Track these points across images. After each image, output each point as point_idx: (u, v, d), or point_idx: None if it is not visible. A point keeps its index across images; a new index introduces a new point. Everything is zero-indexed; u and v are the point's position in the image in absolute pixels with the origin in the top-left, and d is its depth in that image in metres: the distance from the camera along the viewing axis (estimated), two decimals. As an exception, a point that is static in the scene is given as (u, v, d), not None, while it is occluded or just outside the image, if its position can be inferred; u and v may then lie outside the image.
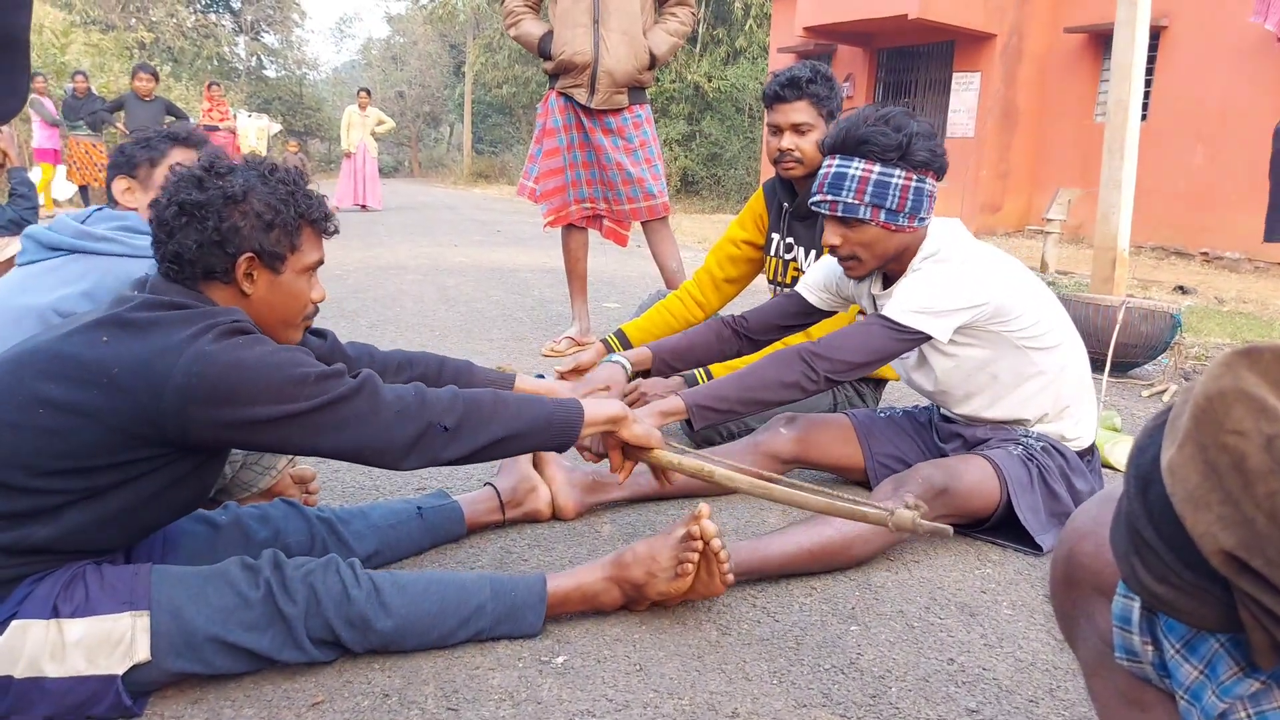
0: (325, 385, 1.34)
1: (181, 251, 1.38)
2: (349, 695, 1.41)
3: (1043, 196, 11.43)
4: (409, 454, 1.40)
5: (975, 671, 1.53)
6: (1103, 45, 11.26)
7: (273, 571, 1.43)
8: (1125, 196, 5.48)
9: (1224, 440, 0.61)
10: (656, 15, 3.90)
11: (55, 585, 1.31)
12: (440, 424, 1.41)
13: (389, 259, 7.35)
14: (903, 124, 1.92)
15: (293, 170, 1.50)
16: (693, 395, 1.95)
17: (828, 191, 1.96)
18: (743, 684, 1.47)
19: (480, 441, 1.45)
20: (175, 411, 1.26)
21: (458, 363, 1.88)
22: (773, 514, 2.20)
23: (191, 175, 1.41)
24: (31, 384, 1.27)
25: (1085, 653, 0.90)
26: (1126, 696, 0.84)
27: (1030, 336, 1.99)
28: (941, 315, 1.93)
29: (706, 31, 18.90)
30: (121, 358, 1.27)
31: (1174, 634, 0.77)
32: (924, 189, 1.95)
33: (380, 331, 4.32)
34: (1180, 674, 0.77)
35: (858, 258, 2.00)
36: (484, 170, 27.62)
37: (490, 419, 1.46)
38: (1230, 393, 0.62)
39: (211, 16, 30.17)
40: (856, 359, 1.95)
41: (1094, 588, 0.87)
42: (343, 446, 1.37)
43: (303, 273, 1.48)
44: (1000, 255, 2.06)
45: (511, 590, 1.58)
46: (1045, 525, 2.02)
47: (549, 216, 4.05)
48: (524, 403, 1.52)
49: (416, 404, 1.41)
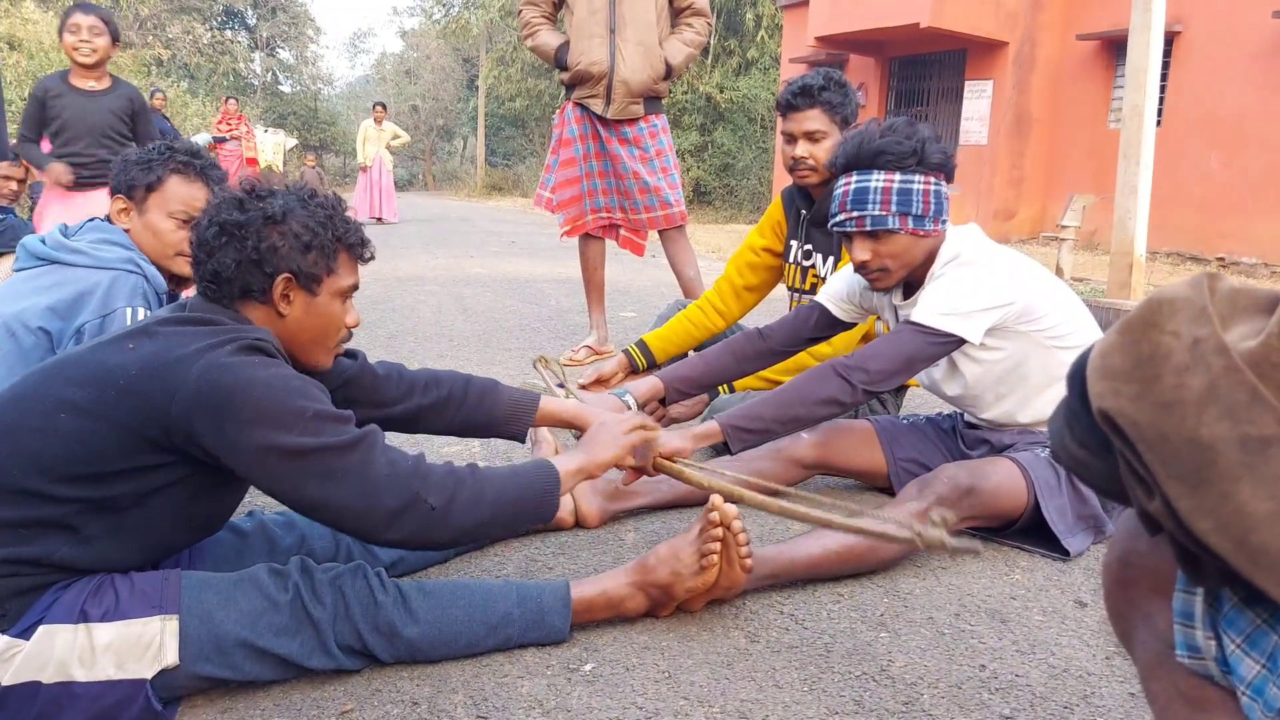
0: (324, 426, 1.32)
1: (220, 270, 1.40)
2: (378, 704, 1.41)
3: (1056, 203, 11.38)
4: (391, 524, 1.35)
5: (1008, 678, 1.52)
6: (1116, 51, 11.22)
7: (301, 576, 1.43)
8: (1141, 202, 5.45)
9: (1156, 337, 0.68)
10: (672, 26, 3.92)
11: (83, 591, 1.31)
12: (427, 500, 1.36)
13: (406, 270, 7.38)
14: (912, 130, 1.93)
15: (331, 196, 1.51)
16: (729, 418, 1.94)
17: (851, 208, 1.95)
18: (773, 691, 1.46)
19: (465, 525, 1.40)
20: (183, 416, 1.26)
21: (484, 382, 1.87)
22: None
23: (233, 197, 1.44)
24: (59, 389, 1.30)
25: (1142, 654, 0.89)
26: (1187, 696, 0.83)
27: (1058, 336, 1.98)
28: (970, 316, 1.92)
29: (718, 43, 18.93)
30: (140, 362, 1.29)
31: (1235, 629, 0.76)
32: (941, 191, 1.96)
33: (399, 342, 4.34)
34: (1242, 669, 0.76)
35: (886, 269, 1.99)
36: (498, 182, 27.71)
37: (475, 505, 1.41)
38: (1179, 300, 0.69)
39: (227, 33, 30.40)
40: (891, 368, 1.93)
41: (1151, 587, 0.87)
42: (327, 499, 1.32)
43: (338, 296, 1.49)
44: (1020, 257, 2.05)
45: (537, 596, 1.58)
46: (1072, 528, 2.00)
47: (566, 226, 4.06)
48: (509, 485, 1.47)
49: (409, 473, 1.37)
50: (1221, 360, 0.65)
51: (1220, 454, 0.64)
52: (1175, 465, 0.66)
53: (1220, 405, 0.64)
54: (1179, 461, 0.66)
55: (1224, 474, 0.64)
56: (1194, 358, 0.66)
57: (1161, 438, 0.66)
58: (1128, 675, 1.53)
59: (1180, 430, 0.65)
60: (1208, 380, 0.65)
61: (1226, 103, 10.15)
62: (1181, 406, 0.65)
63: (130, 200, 2.02)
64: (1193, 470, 0.65)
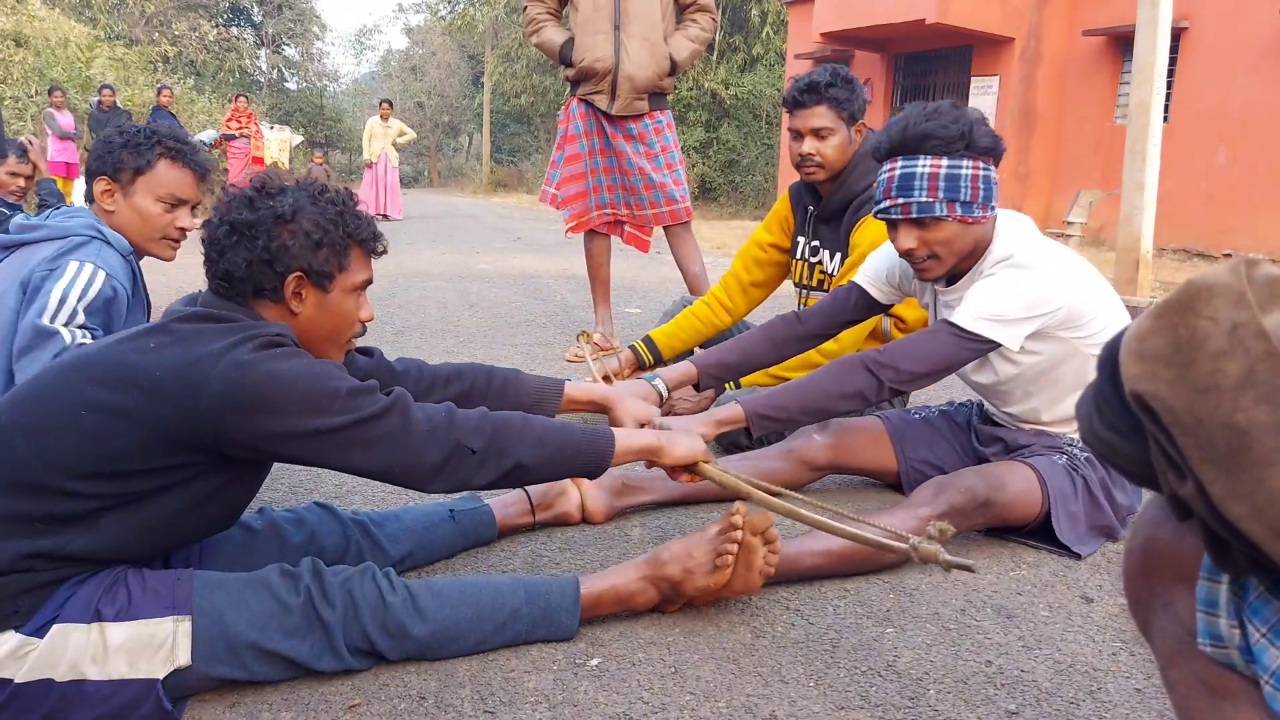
0: (357, 401, 1.35)
1: (232, 270, 1.41)
2: (385, 699, 1.41)
3: (1062, 200, 11.36)
4: (437, 475, 1.41)
5: (1014, 674, 1.52)
6: (1122, 47, 11.19)
7: (312, 579, 1.44)
8: (1148, 198, 5.44)
9: (1193, 321, 0.68)
10: (677, 21, 3.91)
11: (97, 589, 1.32)
12: (468, 446, 1.41)
13: (412, 266, 7.39)
14: (959, 114, 1.86)
15: (342, 191, 1.52)
16: (752, 404, 1.92)
17: (897, 195, 1.88)
18: (779, 686, 1.47)
19: (506, 465, 1.45)
20: (212, 418, 1.27)
21: (506, 372, 1.88)
22: (802, 517, 2.19)
23: (243, 195, 1.44)
24: (80, 388, 1.30)
25: (1163, 643, 0.89)
26: (1208, 684, 0.83)
27: (1099, 343, 1.94)
28: (1013, 324, 1.87)
29: (723, 39, 18.90)
30: (164, 363, 1.29)
31: (1260, 617, 0.76)
32: (990, 176, 1.89)
33: (405, 338, 4.34)
34: (1266, 658, 0.76)
35: (937, 256, 1.92)
36: (503, 179, 27.71)
37: (518, 443, 1.45)
38: (1217, 285, 0.68)
39: (233, 30, 30.42)
40: (922, 369, 1.90)
41: (1174, 575, 0.87)
42: (374, 465, 1.37)
43: (351, 292, 1.49)
44: (1072, 255, 1.98)
45: (545, 593, 1.58)
46: (1084, 537, 1.98)
47: (571, 222, 4.06)
48: (554, 429, 1.51)
49: (446, 425, 1.41)
50: (1261, 345, 0.65)
51: (1256, 439, 0.64)
52: (1210, 450, 0.66)
53: (1258, 390, 0.64)
54: (1214, 446, 0.66)
55: (1260, 459, 0.64)
56: (1232, 342, 0.66)
57: (1197, 422, 0.66)
58: (1134, 671, 1.54)
59: (1216, 415, 0.65)
60: (1246, 365, 0.65)
61: (1233, 98, 10.11)
62: (1218, 391, 0.65)
63: (115, 182, 2.01)
64: (1228, 455, 0.65)
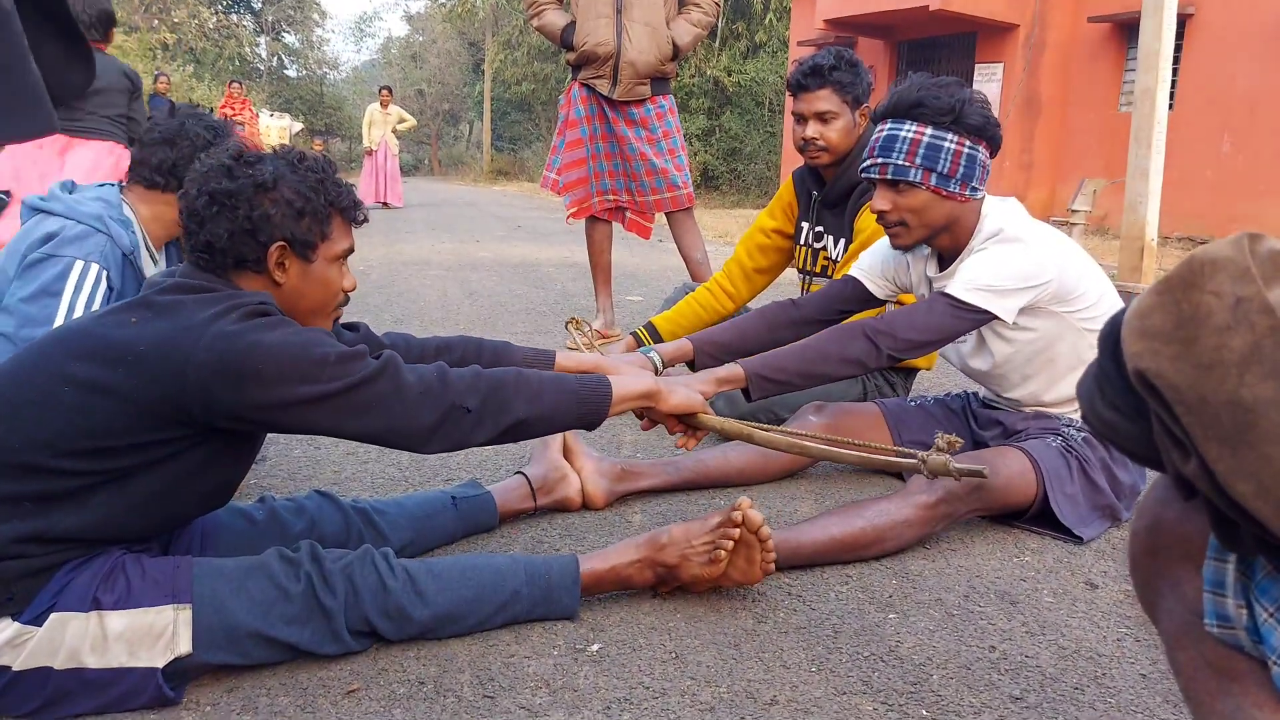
0: (348, 367, 1.33)
1: (213, 241, 1.38)
2: (384, 683, 1.41)
3: (1066, 187, 11.31)
4: (432, 436, 1.40)
5: (1018, 659, 1.51)
6: (1127, 34, 11.12)
7: (312, 564, 1.42)
8: (1153, 186, 5.41)
9: (1196, 297, 0.67)
10: (679, 7, 3.88)
11: (95, 576, 1.31)
12: (463, 405, 1.40)
13: (412, 254, 7.37)
14: (956, 89, 1.91)
15: (321, 158, 1.49)
16: (751, 364, 1.94)
17: (878, 155, 1.94)
18: (781, 672, 1.46)
19: (505, 422, 1.44)
20: (199, 391, 1.26)
21: (496, 343, 1.86)
22: (804, 503, 2.18)
23: (220, 164, 1.40)
24: (59, 363, 1.28)
25: (1169, 624, 0.88)
26: (1214, 665, 0.82)
27: (1091, 318, 1.95)
28: (1006, 294, 1.90)
29: (726, 25, 18.79)
30: (146, 337, 1.27)
31: (1268, 598, 0.75)
32: (977, 157, 1.93)
33: (404, 327, 4.32)
34: (1274, 639, 0.75)
35: (905, 224, 1.97)
36: (503, 167, 27.62)
37: (514, 398, 1.45)
38: (1220, 260, 0.67)
39: (233, 17, 30.32)
40: (920, 337, 1.92)
41: (1180, 555, 0.86)
42: (367, 430, 1.36)
43: (334, 261, 1.47)
44: (1060, 236, 2.02)
45: (545, 573, 1.57)
46: (1085, 518, 1.98)
47: (572, 208, 4.04)
48: (549, 381, 1.50)
49: (439, 385, 1.40)
50: (1266, 320, 0.64)
51: (1262, 415, 0.63)
52: (1215, 427, 0.65)
53: (1264, 365, 0.63)
54: (1218, 423, 0.64)
55: (1265, 435, 0.63)
56: (1236, 318, 0.65)
57: (1201, 399, 0.65)
58: (1139, 656, 1.53)
59: (1221, 391, 0.64)
60: (1251, 340, 0.64)
61: (1239, 86, 10.05)
62: (1222, 367, 0.64)
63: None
64: (1233, 432, 0.64)
